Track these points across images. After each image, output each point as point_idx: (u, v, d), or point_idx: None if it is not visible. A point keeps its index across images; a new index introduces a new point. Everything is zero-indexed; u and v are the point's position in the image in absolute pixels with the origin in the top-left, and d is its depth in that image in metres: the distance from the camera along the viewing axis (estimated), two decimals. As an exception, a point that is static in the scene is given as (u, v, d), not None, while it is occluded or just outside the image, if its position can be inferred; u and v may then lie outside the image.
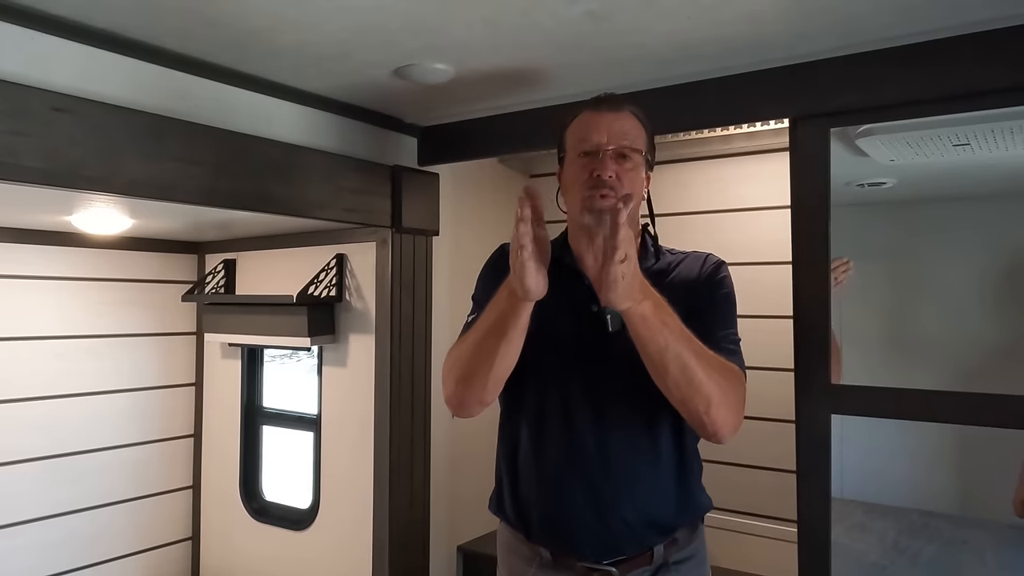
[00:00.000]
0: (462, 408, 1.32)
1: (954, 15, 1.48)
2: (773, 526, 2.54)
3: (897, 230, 2.65)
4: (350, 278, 2.57)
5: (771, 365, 2.04)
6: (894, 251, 2.67)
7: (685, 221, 2.71)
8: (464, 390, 1.28)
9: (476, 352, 1.23)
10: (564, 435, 1.33)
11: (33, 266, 2.61)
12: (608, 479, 1.30)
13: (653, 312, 1.11)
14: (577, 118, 1.37)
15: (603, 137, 1.30)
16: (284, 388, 3.04)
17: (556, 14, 1.48)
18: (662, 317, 1.12)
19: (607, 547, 1.31)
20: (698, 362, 1.14)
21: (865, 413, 1.71)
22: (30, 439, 2.59)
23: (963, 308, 2.50)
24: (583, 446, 1.31)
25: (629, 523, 1.30)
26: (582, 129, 1.34)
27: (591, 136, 1.31)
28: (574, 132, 1.36)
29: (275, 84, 1.95)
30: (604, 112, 1.33)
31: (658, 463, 1.32)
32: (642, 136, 1.36)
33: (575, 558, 1.33)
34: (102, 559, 2.79)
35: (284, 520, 2.82)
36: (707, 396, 1.16)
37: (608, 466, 1.30)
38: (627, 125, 1.33)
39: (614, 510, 1.29)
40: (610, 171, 1.28)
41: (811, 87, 1.72)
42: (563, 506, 1.32)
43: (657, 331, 1.11)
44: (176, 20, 1.53)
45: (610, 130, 1.31)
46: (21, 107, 1.47)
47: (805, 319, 1.72)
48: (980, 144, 1.84)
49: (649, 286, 1.12)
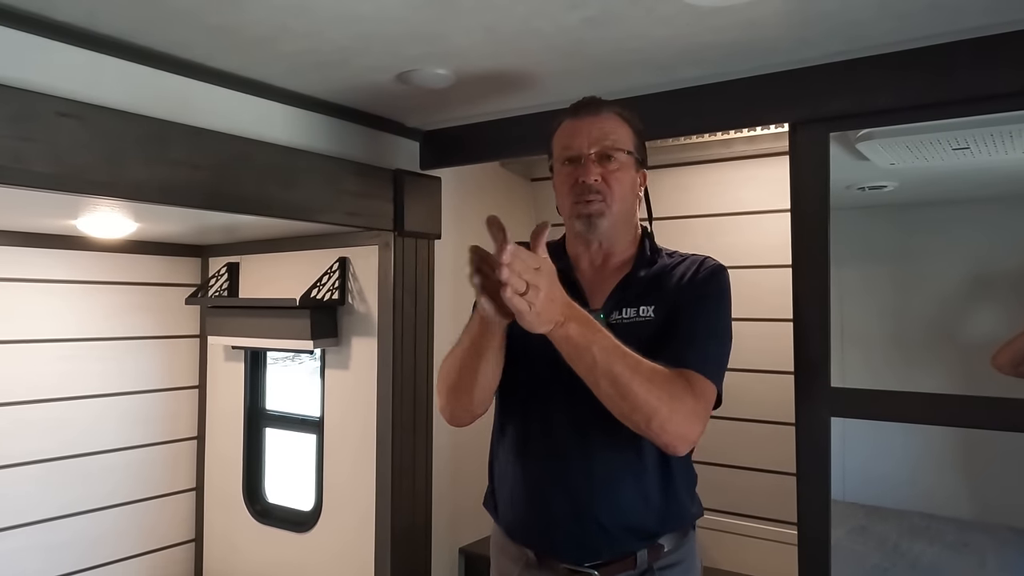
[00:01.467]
0: (453, 419, 1.36)
1: (953, 21, 1.49)
2: (773, 528, 2.54)
3: (898, 233, 2.65)
4: (352, 281, 2.59)
5: (771, 368, 2.05)
6: (896, 253, 2.67)
7: (685, 225, 2.72)
8: (453, 402, 1.33)
9: (459, 368, 1.27)
10: (546, 440, 1.33)
11: (38, 269, 2.63)
12: (587, 485, 1.30)
13: (578, 332, 1.09)
14: (560, 125, 1.39)
15: (583, 142, 1.32)
16: (287, 391, 3.05)
17: (555, 21, 1.49)
18: (588, 336, 1.10)
19: (586, 550, 1.31)
20: (633, 376, 1.12)
21: (865, 416, 1.71)
22: (35, 441, 2.60)
23: (965, 310, 2.51)
24: (564, 451, 1.31)
25: (606, 528, 1.29)
26: (565, 136, 1.36)
27: (572, 143, 1.33)
28: (558, 140, 1.38)
29: (278, 89, 1.97)
30: (584, 117, 1.35)
31: (640, 470, 1.31)
32: (627, 135, 1.36)
33: (557, 560, 1.34)
34: (106, 561, 2.80)
35: (287, 522, 2.83)
36: (647, 410, 1.13)
37: (587, 472, 1.30)
38: (608, 126, 1.34)
39: (591, 515, 1.29)
40: (593, 175, 1.30)
41: (811, 92, 1.73)
42: (543, 509, 1.33)
43: (584, 350, 1.10)
44: (180, 27, 1.55)
45: (591, 134, 1.32)
46: (27, 112, 1.49)
47: (805, 322, 1.73)
48: (979, 148, 1.85)
49: (573, 304, 1.10)
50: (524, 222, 3.08)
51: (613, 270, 1.39)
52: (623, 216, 1.37)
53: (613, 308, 1.33)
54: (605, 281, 1.38)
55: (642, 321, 1.31)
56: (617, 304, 1.34)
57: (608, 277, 1.38)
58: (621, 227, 1.38)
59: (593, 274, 1.40)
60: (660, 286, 1.34)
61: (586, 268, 1.41)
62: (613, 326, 1.27)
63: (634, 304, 1.33)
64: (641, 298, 1.33)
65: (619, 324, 1.30)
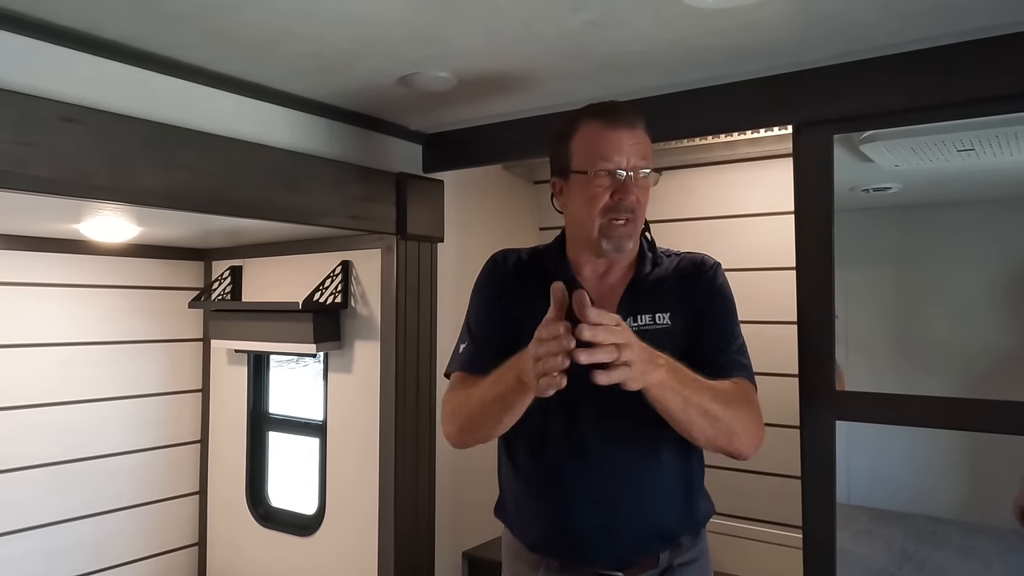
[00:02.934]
0: (461, 446, 1.37)
1: (957, 22, 1.48)
2: (778, 532, 2.53)
3: (903, 235, 2.64)
4: (355, 285, 2.58)
5: (775, 371, 2.03)
6: (900, 256, 2.66)
7: (689, 227, 2.71)
8: (467, 436, 1.33)
9: (480, 413, 1.25)
10: (569, 452, 1.31)
11: (42, 274, 2.63)
12: (615, 495, 1.29)
13: (668, 375, 1.09)
14: (588, 129, 1.29)
15: (625, 159, 1.26)
16: (290, 394, 3.05)
17: (557, 23, 1.48)
18: (676, 376, 1.11)
19: (615, 558, 1.31)
20: (715, 403, 1.15)
21: (871, 419, 1.71)
22: (38, 445, 2.60)
23: (970, 313, 2.49)
24: (588, 462, 1.30)
25: (637, 536, 1.30)
26: (602, 146, 1.27)
27: (613, 156, 1.25)
28: (590, 147, 1.28)
29: (280, 92, 1.97)
30: (623, 129, 1.27)
31: (663, 475, 1.31)
32: (651, 151, 1.33)
33: (583, 566, 1.33)
34: (110, 565, 2.80)
35: (290, 526, 2.83)
36: (730, 430, 1.18)
37: (614, 482, 1.29)
38: (645, 145, 1.29)
39: (623, 526, 1.29)
40: (634, 196, 1.26)
41: (814, 94, 1.72)
42: (570, 523, 1.31)
43: (676, 392, 1.11)
44: (182, 31, 1.55)
45: (633, 151, 1.27)
46: (30, 117, 1.49)
47: (809, 325, 1.72)
48: (984, 149, 1.84)
49: (653, 351, 1.08)
50: (527, 225, 3.07)
51: (617, 274, 1.38)
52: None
53: (627, 314, 1.30)
54: (611, 287, 1.36)
55: (660, 328, 1.30)
56: (631, 310, 1.32)
57: (613, 282, 1.37)
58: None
59: (597, 280, 1.38)
60: (673, 292, 1.34)
61: (589, 274, 1.38)
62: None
63: (648, 311, 1.32)
64: (655, 304, 1.32)
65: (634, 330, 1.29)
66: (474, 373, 1.31)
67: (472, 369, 1.34)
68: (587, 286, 1.35)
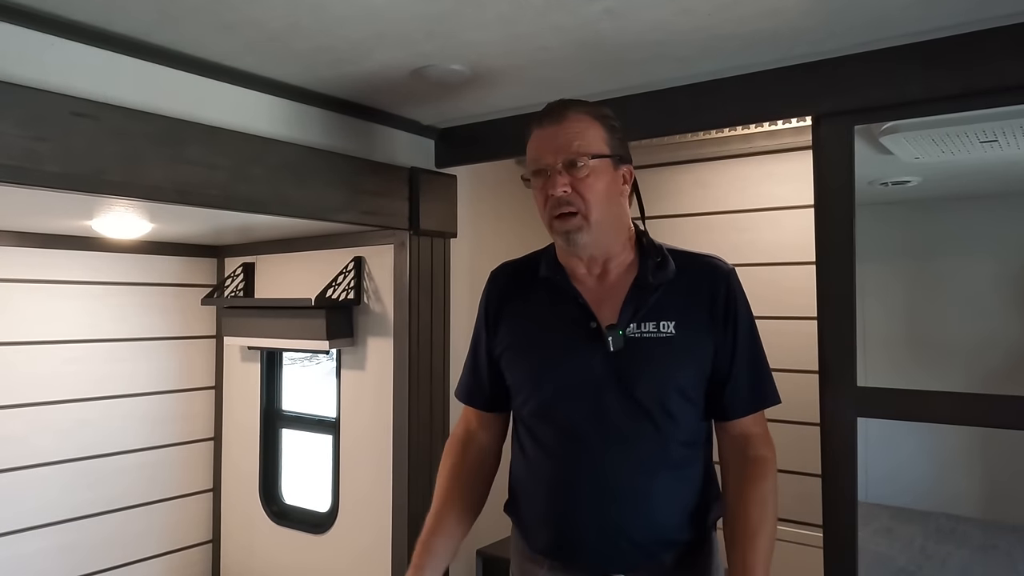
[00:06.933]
0: None
1: (982, 8, 1.45)
2: (798, 531, 2.50)
3: (921, 229, 2.60)
4: (368, 281, 2.57)
5: (795, 367, 2.01)
6: (918, 250, 2.63)
7: (706, 221, 2.68)
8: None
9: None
10: (571, 458, 1.29)
11: (54, 270, 2.64)
12: (618, 503, 1.26)
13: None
14: (529, 136, 1.30)
15: (547, 154, 1.25)
16: (303, 391, 3.05)
17: (574, 12, 1.46)
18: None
19: (618, 564, 1.29)
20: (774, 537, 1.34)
21: (892, 416, 1.68)
22: (52, 443, 2.61)
23: (988, 308, 2.46)
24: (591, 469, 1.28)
25: (639, 543, 1.27)
26: (531, 149, 1.29)
27: (538, 154, 1.27)
28: (528, 154, 1.30)
29: (292, 87, 1.95)
30: (547, 126, 1.26)
31: (667, 480, 1.28)
32: (598, 135, 1.27)
33: (587, 568, 1.31)
34: (123, 562, 2.81)
35: (303, 523, 2.82)
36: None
37: (617, 489, 1.26)
38: (574, 130, 1.25)
39: (625, 534, 1.27)
40: (561, 186, 1.23)
41: (834, 84, 1.69)
42: (572, 529, 1.29)
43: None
44: (195, 26, 1.54)
45: (555, 144, 1.24)
46: (41, 113, 1.48)
47: (829, 320, 1.69)
48: (1008, 140, 1.80)
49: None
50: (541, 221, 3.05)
51: (617, 278, 1.33)
52: (606, 223, 1.29)
53: (629, 320, 1.27)
54: (611, 291, 1.31)
55: (663, 337, 1.26)
56: (633, 316, 1.28)
57: (614, 287, 1.32)
58: (608, 234, 1.30)
59: (595, 284, 1.33)
60: (680, 298, 1.29)
61: (585, 277, 1.33)
62: (630, 340, 1.25)
63: (653, 318, 1.27)
64: (660, 312, 1.28)
65: (638, 338, 1.26)
66: (473, 407, 1.46)
67: (470, 403, 1.47)
68: (584, 290, 1.32)
